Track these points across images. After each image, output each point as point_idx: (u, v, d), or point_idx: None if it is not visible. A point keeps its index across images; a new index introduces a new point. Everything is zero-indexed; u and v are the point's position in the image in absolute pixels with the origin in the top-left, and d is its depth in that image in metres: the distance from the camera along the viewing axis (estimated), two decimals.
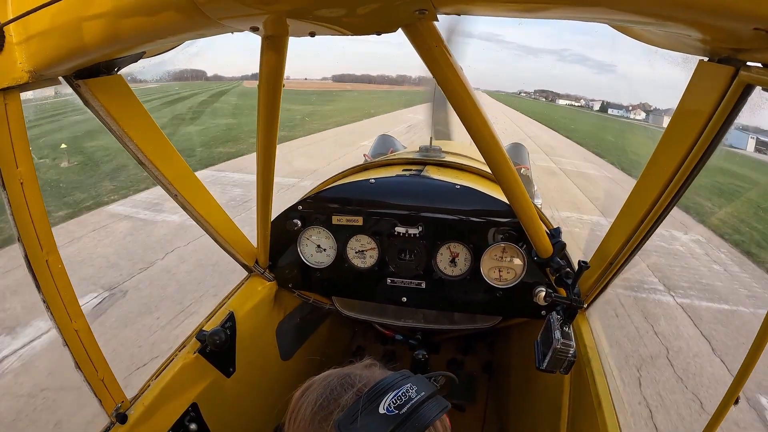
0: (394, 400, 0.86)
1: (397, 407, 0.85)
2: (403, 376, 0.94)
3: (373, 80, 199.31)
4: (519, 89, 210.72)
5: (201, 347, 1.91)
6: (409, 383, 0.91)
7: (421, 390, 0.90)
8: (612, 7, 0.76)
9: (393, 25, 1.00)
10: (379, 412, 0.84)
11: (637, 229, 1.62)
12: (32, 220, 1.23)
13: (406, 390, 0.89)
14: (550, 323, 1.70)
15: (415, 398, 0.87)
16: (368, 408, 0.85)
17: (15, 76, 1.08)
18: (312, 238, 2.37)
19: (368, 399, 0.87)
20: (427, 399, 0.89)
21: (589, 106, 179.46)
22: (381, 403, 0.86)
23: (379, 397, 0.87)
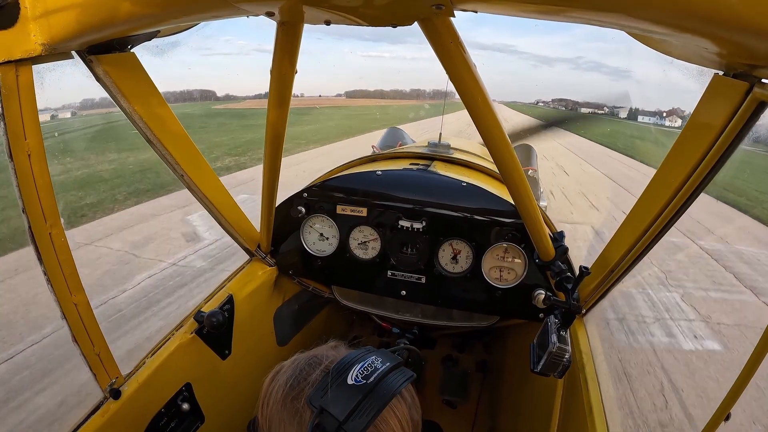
0: (360, 371, 0.91)
1: (365, 377, 0.89)
2: (368, 351, 0.99)
3: (386, 95, 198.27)
4: (536, 99, 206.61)
5: (198, 328, 1.92)
6: (374, 356, 0.95)
7: (385, 361, 0.94)
8: (630, 14, 0.75)
9: (409, 18, 1.00)
10: (348, 383, 0.88)
11: (640, 239, 1.61)
12: (38, 192, 1.24)
13: (372, 362, 0.93)
14: (548, 327, 1.70)
15: (381, 368, 0.92)
16: (337, 381, 0.89)
17: (28, 48, 1.09)
18: (315, 226, 2.38)
19: (336, 372, 0.91)
20: (393, 369, 0.93)
21: (613, 113, 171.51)
22: (348, 375, 0.90)
23: (347, 369, 0.91)
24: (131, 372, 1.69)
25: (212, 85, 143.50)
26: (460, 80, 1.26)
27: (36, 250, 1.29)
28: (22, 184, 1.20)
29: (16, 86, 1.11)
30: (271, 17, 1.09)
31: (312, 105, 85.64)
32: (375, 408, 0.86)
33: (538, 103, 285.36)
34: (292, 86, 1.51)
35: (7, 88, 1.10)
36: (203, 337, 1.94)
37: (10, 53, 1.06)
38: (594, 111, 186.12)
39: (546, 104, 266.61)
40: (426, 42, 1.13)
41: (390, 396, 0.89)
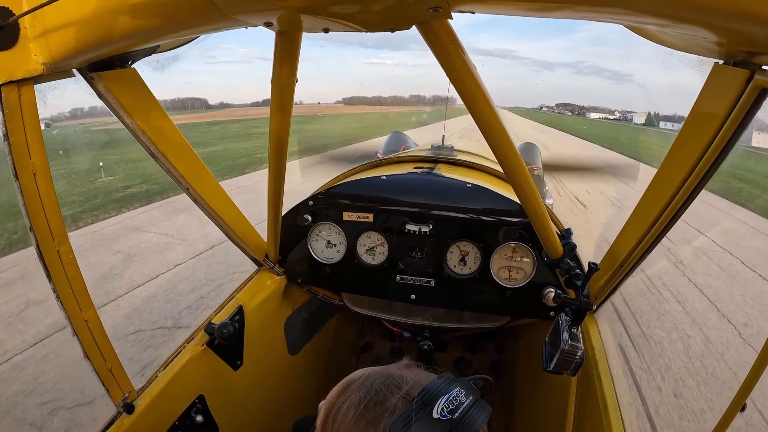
0: (446, 404, 0.85)
1: (450, 412, 0.84)
2: (450, 380, 0.92)
3: (384, 102, 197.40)
4: (539, 104, 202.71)
5: (209, 340, 1.92)
6: (458, 387, 0.90)
7: (469, 394, 0.89)
8: (627, 7, 0.75)
9: (407, 22, 1.00)
10: (433, 417, 0.83)
11: (648, 232, 1.61)
12: (44, 210, 1.25)
13: (456, 394, 0.88)
14: (559, 324, 1.69)
15: (465, 402, 0.87)
16: (422, 413, 0.84)
17: (29, 68, 1.10)
18: (322, 233, 2.38)
19: (422, 404, 0.85)
20: (475, 403, 0.88)
21: (626, 119, 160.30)
22: (434, 408, 0.84)
23: (432, 401, 0.86)
24: (144, 386, 1.69)
25: (205, 93, 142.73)
26: (460, 82, 1.26)
27: (45, 268, 1.30)
28: (28, 202, 1.21)
29: (19, 106, 1.13)
30: (269, 27, 1.10)
31: (312, 113, 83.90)
32: None
33: (542, 108, 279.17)
34: (293, 95, 1.52)
35: (10, 108, 1.11)
36: (214, 348, 1.95)
37: (12, 73, 1.08)
38: (605, 116, 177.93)
39: (550, 109, 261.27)
40: (427, 47, 1.14)
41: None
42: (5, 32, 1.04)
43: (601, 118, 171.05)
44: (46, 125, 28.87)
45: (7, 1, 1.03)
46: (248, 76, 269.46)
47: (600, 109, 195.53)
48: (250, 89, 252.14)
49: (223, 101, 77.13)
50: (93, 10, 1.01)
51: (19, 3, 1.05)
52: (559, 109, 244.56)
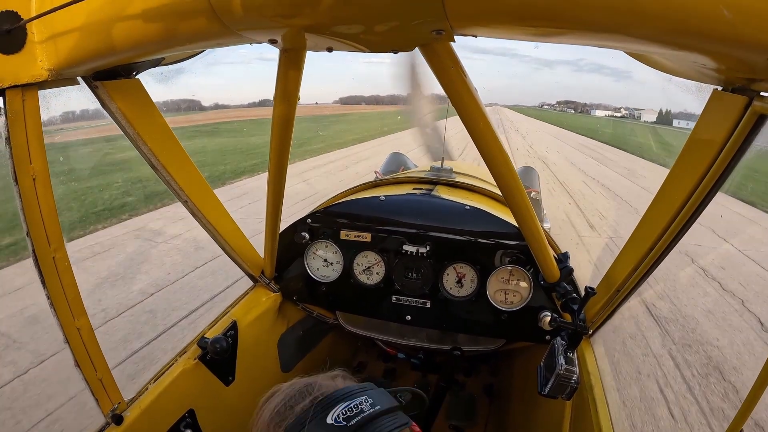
0: (344, 411, 0.85)
1: (346, 419, 0.84)
2: (362, 389, 0.93)
3: (382, 101, 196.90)
4: (540, 102, 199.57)
5: (201, 354, 1.91)
6: (365, 396, 0.89)
7: (376, 404, 0.88)
8: (628, 34, 0.76)
9: (410, 44, 1.01)
10: (326, 422, 0.84)
11: (645, 257, 1.61)
12: (42, 216, 1.25)
13: (360, 402, 0.88)
14: (554, 348, 1.69)
15: (368, 411, 0.86)
16: (317, 417, 0.85)
17: (34, 74, 1.11)
18: (319, 252, 2.38)
19: (319, 408, 0.86)
20: (382, 414, 0.88)
21: (634, 116, 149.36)
22: (330, 413, 0.85)
23: (330, 407, 0.86)
24: (134, 397, 1.68)
25: (198, 95, 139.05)
26: (461, 104, 1.27)
27: (39, 273, 1.29)
28: (26, 207, 1.21)
29: (22, 110, 1.13)
30: (274, 45, 1.12)
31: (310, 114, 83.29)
32: None
33: (543, 106, 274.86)
34: (295, 112, 1.53)
35: (13, 113, 1.12)
36: (207, 363, 1.93)
37: (17, 78, 1.09)
38: (612, 114, 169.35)
39: (552, 107, 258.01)
40: None
41: None
42: (12, 36, 1.05)
43: (608, 116, 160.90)
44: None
45: (15, 6, 1.04)
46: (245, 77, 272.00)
47: (604, 106, 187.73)
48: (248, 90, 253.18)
49: (217, 102, 75.67)
50: (100, 19, 1.03)
51: (27, 8, 1.06)
52: (561, 107, 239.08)
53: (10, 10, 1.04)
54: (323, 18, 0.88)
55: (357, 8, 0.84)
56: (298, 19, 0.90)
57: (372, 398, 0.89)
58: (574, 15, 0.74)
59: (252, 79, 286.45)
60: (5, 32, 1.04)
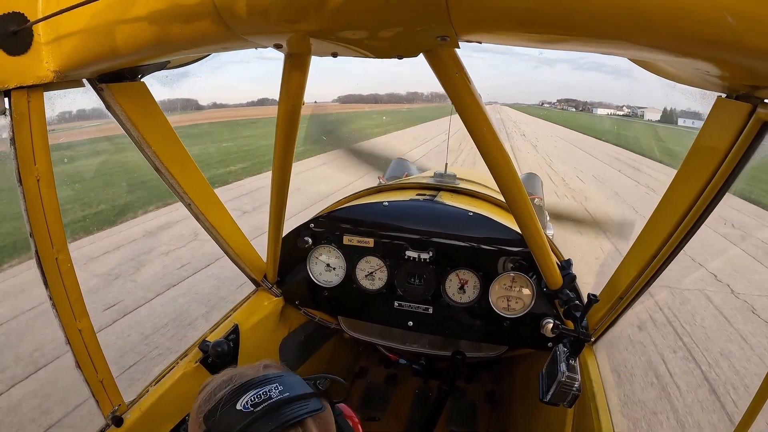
0: (252, 397, 0.89)
1: (253, 405, 0.88)
2: (277, 376, 0.96)
3: (381, 99, 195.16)
4: (540, 100, 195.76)
5: (203, 357, 1.91)
6: (276, 383, 0.92)
7: (286, 391, 0.91)
8: (631, 41, 0.77)
9: (415, 50, 1.02)
10: (236, 408, 0.87)
11: (649, 265, 1.60)
12: (45, 217, 1.26)
13: (269, 389, 0.91)
14: (557, 355, 1.68)
15: (275, 398, 0.89)
16: (228, 404, 0.88)
17: (40, 75, 1.12)
18: (322, 256, 2.38)
19: (231, 395, 0.90)
20: (292, 400, 0.90)
21: (636, 114, 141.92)
22: (240, 400, 0.88)
23: (241, 394, 0.90)
24: (134, 400, 1.68)
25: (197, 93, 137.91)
26: (465, 110, 1.27)
27: (42, 274, 1.30)
28: (30, 208, 1.22)
29: (27, 112, 1.14)
30: (279, 49, 1.12)
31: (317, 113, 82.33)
32: None
33: (543, 104, 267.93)
34: (299, 117, 1.54)
35: (19, 114, 1.12)
36: (208, 366, 1.93)
37: (23, 79, 1.09)
38: (614, 113, 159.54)
39: (552, 105, 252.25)
40: None
41: (276, 428, 0.86)
42: (18, 38, 1.06)
43: (610, 114, 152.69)
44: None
45: (22, 7, 1.05)
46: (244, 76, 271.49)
47: (605, 104, 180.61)
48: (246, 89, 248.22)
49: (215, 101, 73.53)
50: (107, 22, 1.03)
51: (34, 10, 1.07)
52: (562, 105, 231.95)
53: (16, 12, 1.05)
54: (328, 23, 0.88)
55: (362, 14, 0.84)
56: (304, 24, 0.90)
57: (283, 385, 0.93)
58: (578, 22, 0.74)
59: (251, 77, 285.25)
60: (11, 33, 1.04)
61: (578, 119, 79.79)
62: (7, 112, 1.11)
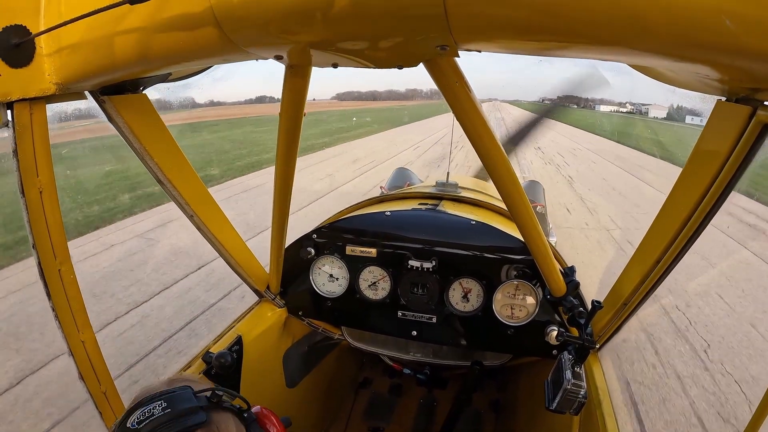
0: (139, 415, 0.91)
1: (139, 422, 0.90)
2: (164, 393, 0.97)
3: (379, 96, 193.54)
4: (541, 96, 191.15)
5: (206, 368, 1.90)
6: (161, 400, 0.94)
7: (168, 407, 0.93)
8: (630, 47, 0.77)
9: (415, 60, 1.02)
10: (127, 426, 0.89)
11: (652, 270, 1.60)
12: (48, 228, 1.26)
13: (153, 407, 0.92)
14: (562, 363, 1.67)
15: (157, 415, 0.91)
16: (124, 421, 0.91)
17: (42, 87, 1.13)
18: (325, 267, 2.38)
19: (126, 413, 0.92)
20: (177, 415, 0.92)
21: (640, 112, 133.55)
22: (130, 418, 0.91)
23: (132, 411, 0.92)
24: None
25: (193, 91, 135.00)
26: (466, 119, 1.28)
27: (45, 286, 1.30)
28: (32, 220, 1.22)
29: (30, 124, 1.15)
30: (279, 61, 1.13)
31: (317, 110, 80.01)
32: None
33: (544, 100, 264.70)
34: (301, 127, 1.54)
35: (21, 126, 1.13)
36: (211, 377, 1.92)
37: (25, 91, 1.10)
38: (617, 110, 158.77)
39: (553, 102, 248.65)
40: None
41: None
42: (21, 50, 1.07)
43: (613, 112, 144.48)
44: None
45: (24, 20, 1.06)
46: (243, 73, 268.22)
47: (607, 101, 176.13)
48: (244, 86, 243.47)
49: (212, 99, 72.52)
50: (108, 34, 1.04)
51: (36, 22, 1.08)
52: (563, 102, 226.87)
53: (19, 25, 1.06)
54: (328, 34, 0.89)
55: (362, 25, 0.85)
56: (304, 36, 0.91)
57: (168, 401, 0.94)
58: (577, 29, 0.74)
59: (249, 75, 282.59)
60: (14, 46, 1.05)
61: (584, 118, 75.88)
62: (9, 124, 1.12)
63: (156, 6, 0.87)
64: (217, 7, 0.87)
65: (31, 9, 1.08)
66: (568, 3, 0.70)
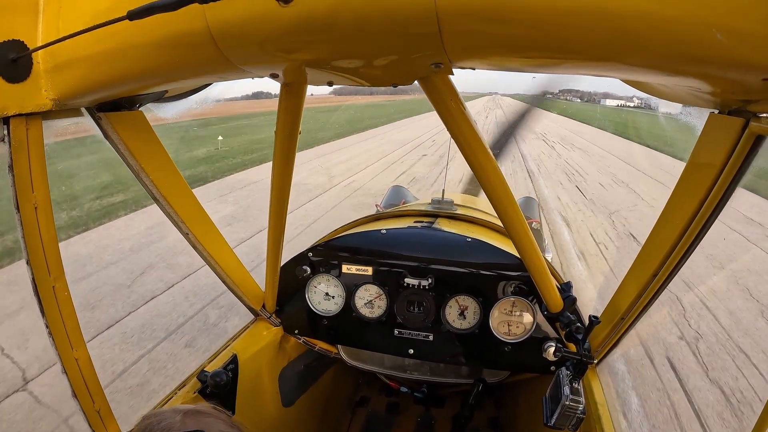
0: None
1: None
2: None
3: (374, 91, 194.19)
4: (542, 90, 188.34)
5: (201, 388, 1.88)
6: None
7: None
8: (623, 62, 0.78)
9: (409, 77, 1.03)
10: None
11: (649, 284, 1.60)
12: (42, 244, 1.26)
13: None
14: (560, 379, 1.67)
15: None
16: None
17: (39, 103, 1.13)
18: (320, 285, 2.37)
19: None
20: None
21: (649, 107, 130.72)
22: None
23: None
24: (131, 430, 1.65)
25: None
26: (460, 136, 1.29)
27: (39, 303, 1.29)
28: (27, 236, 1.22)
29: (26, 139, 1.15)
30: (275, 79, 1.14)
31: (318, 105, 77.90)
32: None
33: (545, 94, 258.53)
34: (296, 145, 1.55)
35: (17, 141, 1.13)
36: (206, 396, 1.90)
37: (22, 107, 1.10)
38: (624, 104, 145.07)
39: (555, 96, 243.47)
40: None
41: None
42: (18, 65, 1.07)
43: (620, 106, 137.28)
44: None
45: (22, 35, 1.07)
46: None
47: (611, 95, 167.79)
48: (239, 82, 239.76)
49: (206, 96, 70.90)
50: (105, 51, 1.05)
51: (34, 38, 1.08)
52: (565, 96, 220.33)
53: (16, 40, 1.06)
54: (324, 53, 0.90)
55: (357, 44, 0.86)
56: (299, 54, 0.92)
57: None
58: (569, 47, 0.76)
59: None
60: (11, 61, 1.06)
61: (593, 112, 69.53)
62: (5, 139, 1.12)
63: (153, 23, 0.88)
64: (214, 26, 0.88)
65: (29, 24, 1.09)
66: (559, 21, 0.72)
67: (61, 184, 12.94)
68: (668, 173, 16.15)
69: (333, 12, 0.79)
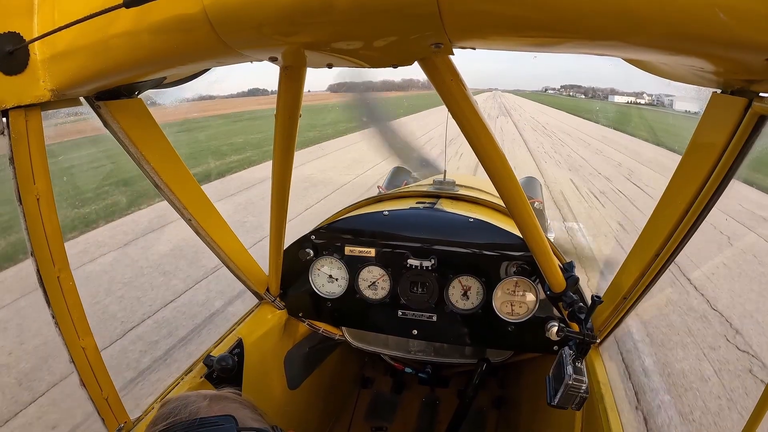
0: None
1: None
2: (212, 424, 0.82)
3: (374, 87, 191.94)
4: (543, 86, 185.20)
5: (207, 372, 1.90)
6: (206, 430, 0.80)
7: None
8: (625, 41, 0.77)
9: (409, 58, 1.02)
10: None
11: (652, 263, 1.60)
12: (46, 235, 1.26)
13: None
14: (563, 358, 1.67)
15: None
16: None
17: (37, 94, 1.12)
18: (324, 268, 2.38)
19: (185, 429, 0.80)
20: None
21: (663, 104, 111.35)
22: None
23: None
24: (140, 417, 1.66)
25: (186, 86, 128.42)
26: (461, 116, 1.28)
27: (44, 293, 1.30)
28: (30, 227, 1.22)
29: (26, 131, 1.15)
30: (274, 62, 1.13)
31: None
32: None
33: (547, 90, 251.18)
34: (297, 129, 1.54)
35: (17, 133, 1.13)
36: (213, 381, 1.92)
37: (20, 98, 1.10)
38: (634, 101, 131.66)
39: (557, 91, 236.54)
40: None
41: None
42: (15, 57, 1.07)
43: (630, 103, 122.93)
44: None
45: (18, 27, 1.06)
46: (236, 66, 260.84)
47: (617, 91, 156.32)
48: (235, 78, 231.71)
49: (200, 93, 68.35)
50: (102, 39, 1.04)
51: (29, 29, 1.08)
52: (567, 91, 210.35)
53: (12, 32, 1.06)
54: (323, 35, 0.89)
55: (356, 25, 0.85)
56: (298, 37, 0.91)
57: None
58: (570, 25, 0.75)
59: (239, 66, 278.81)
60: (8, 53, 1.05)
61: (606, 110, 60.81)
62: (5, 131, 1.12)
63: (149, 9, 0.87)
64: (210, 9, 0.87)
65: (24, 15, 1.08)
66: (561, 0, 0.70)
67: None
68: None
69: None
